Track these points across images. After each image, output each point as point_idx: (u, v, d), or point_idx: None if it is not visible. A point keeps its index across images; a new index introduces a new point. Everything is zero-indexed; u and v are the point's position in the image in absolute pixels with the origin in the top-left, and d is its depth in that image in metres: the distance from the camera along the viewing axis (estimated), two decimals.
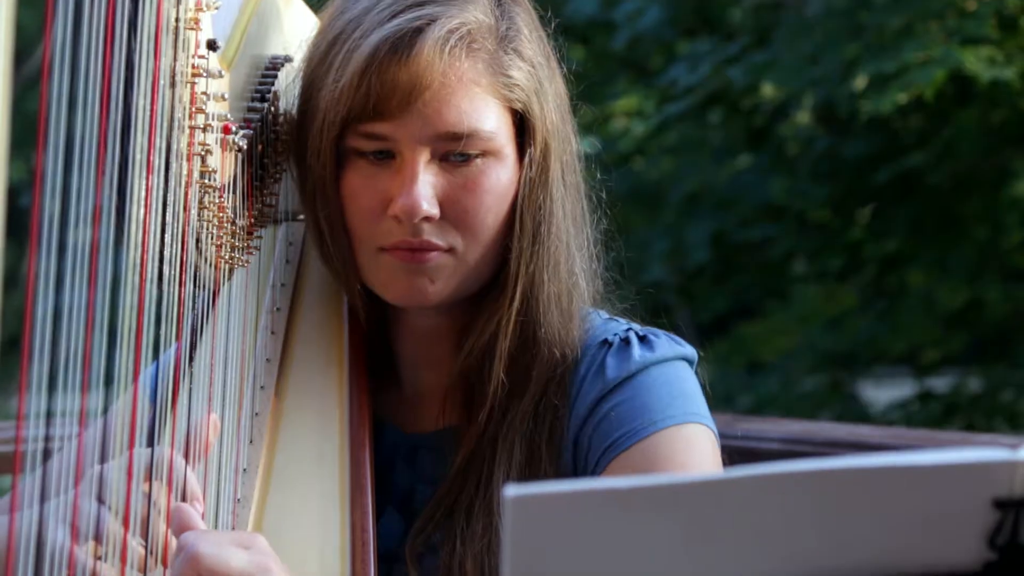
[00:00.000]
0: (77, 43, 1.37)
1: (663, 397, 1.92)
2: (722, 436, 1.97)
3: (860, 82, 6.81)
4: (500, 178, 1.92)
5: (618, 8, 7.92)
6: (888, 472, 1.14)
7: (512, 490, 1.12)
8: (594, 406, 1.93)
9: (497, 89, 1.91)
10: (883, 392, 8.27)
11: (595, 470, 1.90)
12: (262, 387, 1.98)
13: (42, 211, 1.30)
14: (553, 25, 2.04)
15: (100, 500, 1.68)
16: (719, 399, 1.98)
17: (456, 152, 1.90)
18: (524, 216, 1.94)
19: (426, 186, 1.89)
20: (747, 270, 7.87)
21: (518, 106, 1.93)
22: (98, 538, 1.67)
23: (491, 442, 1.95)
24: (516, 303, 1.95)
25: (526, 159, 1.94)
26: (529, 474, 1.93)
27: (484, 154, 1.91)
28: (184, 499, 1.73)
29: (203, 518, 1.77)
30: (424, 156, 1.89)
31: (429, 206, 1.89)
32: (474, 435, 1.96)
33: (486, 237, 1.92)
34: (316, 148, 1.92)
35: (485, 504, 1.92)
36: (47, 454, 1.49)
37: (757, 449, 3.20)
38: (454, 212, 1.91)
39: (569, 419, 1.94)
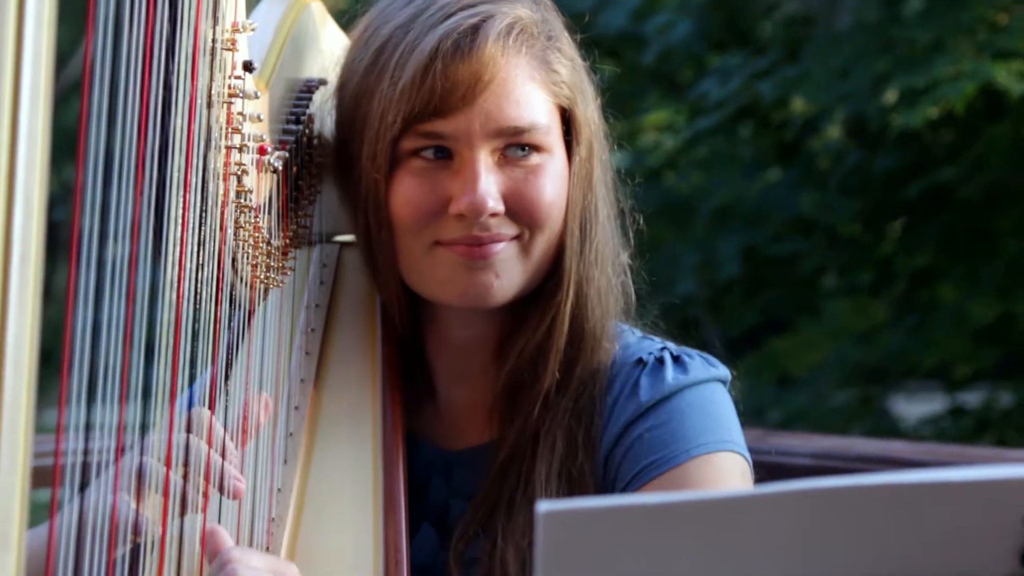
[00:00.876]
0: (116, 62, 1.39)
1: (696, 424, 1.92)
2: (752, 451, 1.97)
3: (891, 96, 6.80)
4: (556, 171, 1.94)
5: (648, 22, 7.92)
6: (920, 489, 1.14)
7: (544, 506, 1.13)
8: (626, 427, 1.93)
9: (548, 85, 1.93)
10: (914, 407, 8.24)
11: (626, 489, 1.91)
12: (296, 407, 1.99)
13: (80, 226, 1.32)
14: (579, 38, 2.06)
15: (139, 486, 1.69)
16: (749, 413, 1.98)
17: (516, 145, 1.91)
18: (574, 212, 1.96)
19: (490, 183, 1.90)
20: (777, 284, 7.84)
21: (565, 102, 1.95)
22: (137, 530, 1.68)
23: (533, 438, 1.95)
24: (571, 299, 1.96)
25: (575, 156, 1.96)
26: (569, 468, 1.94)
27: (540, 149, 1.93)
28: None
29: (239, 526, 1.78)
30: (485, 152, 1.90)
31: (495, 203, 1.90)
32: (516, 432, 1.96)
33: (549, 228, 1.94)
34: (372, 152, 1.92)
35: (527, 498, 1.92)
36: (86, 467, 1.50)
37: (788, 464, 3.20)
38: (518, 206, 1.92)
39: (602, 437, 1.95)
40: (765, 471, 2.00)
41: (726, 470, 1.91)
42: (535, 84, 1.92)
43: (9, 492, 1.18)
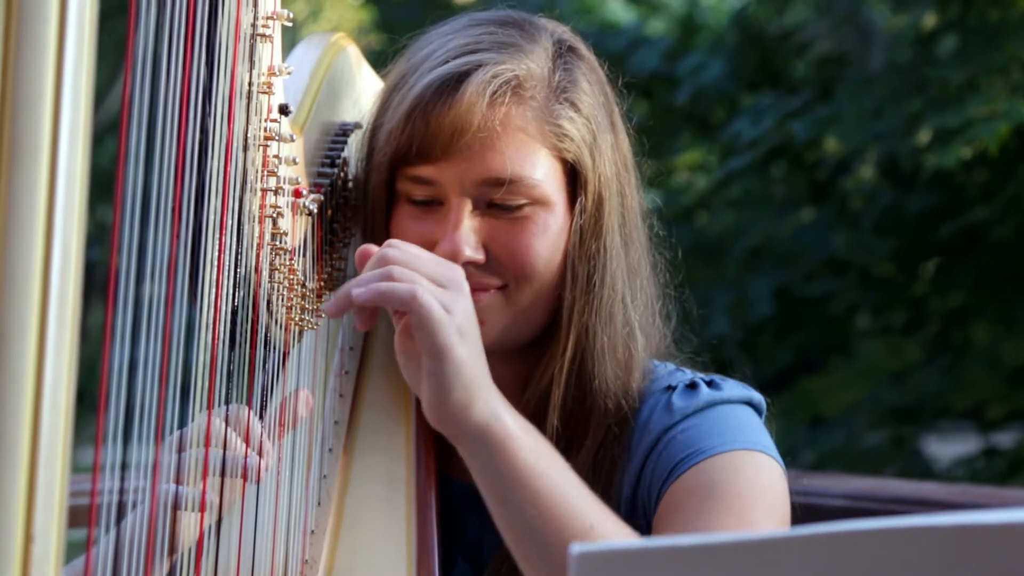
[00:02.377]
0: (154, 105, 1.40)
1: (731, 427, 1.92)
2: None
3: (924, 136, 6.80)
4: (548, 224, 1.93)
5: (681, 62, 7.95)
6: (956, 531, 1.14)
7: (577, 547, 1.13)
8: (660, 436, 1.93)
9: (546, 138, 1.92)
10: (947, 447, 8.21)
11: (661, 490, 1.90)
12: (330, 449, 1.99)
13: (117, 266, 1.33)
14: (620, 83, 2.05)
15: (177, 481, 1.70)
16: (781, 454, 1.98)
17: (500, 200, 1.91)
18: (576, 265, 1.94)
19: (468, 232, 1.90)
20: (810, 324, 7.83)
21: (569, 156, 1.94)
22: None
23: None
24: (569, 353, 1.95)
25: (577, 208, 1.94)
26: None
27: (532, 202, 1.92)
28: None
29: (273, 565, 1.78)
30: (468, 201, 1.91)
31: (472, 251, 1.90)
32: None
33: (537, 280, 1.93)
34: (370, 189, 1.96)
35: None
36: (121, 507, 1.51)
37: (821, 506, 3.19)
38: (501, 255, 1.92)
39: (630, 459, 1.94)
40: (798, 512, 1.99)
41: (762, 468, 1.90)
42: (526, 136, 1.91)
43: (46, 531, 1.19)
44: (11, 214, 1.17)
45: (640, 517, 1.93)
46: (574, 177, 1.95)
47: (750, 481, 1.88)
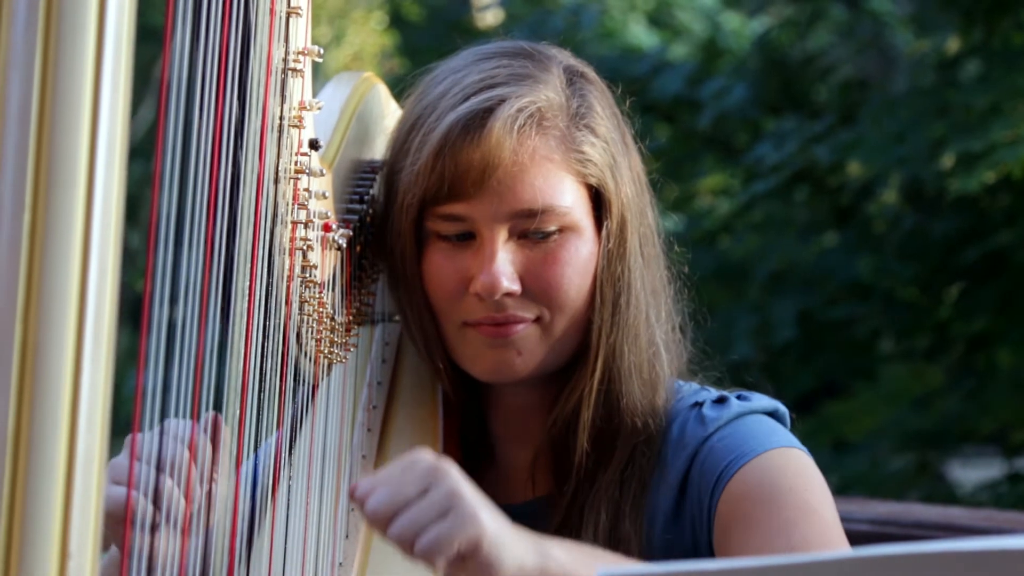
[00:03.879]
0: (187, 137, 1.42)
1: (764, 431, 1.96)
2: None
3: (947, 160, 6.79)
4: (580, 251, 1.95)
5: (704, 86, 7.95)
6: (981, 556, 1.14)
7: (602, 569, 1.14)
8: (698, 447, 1.95)
9: (571, 165, 1.94)
10: (971, 472, 8.18)
11: (712, 499, 1.91)
12: None
13: (152, 293, 1.35)
14: (628, 103, 2.07)
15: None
16: None
17: (533, 229, 1.93)
18: (604, 288, 1.96)
19: (505, 263, 1.92)
20: (833, 348, 7.81)
21: (593, 181, 1.96)
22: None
23: (579, 511, 1.97)
24: (598, 373, 1.97)
25: (604, 231, 1.97)
26: (614, 539, 1.95)
27: (562, 229, 1.94)
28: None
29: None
30: (502, 234, 1.92)
31: (509, 282, 1.92)
32: (563, 505, 1.98)
33: (570, 308, 1.95)
34: (397, 230, 1.97)
35: None
36: (154, 526, 1.52)
37: (845, 530, 3.18)
38: (536, 286, 1.94)
39: (664, 475, 1.96)
40: None
41: (804, 463, 1.94)
42: (553, 165, 1.93)
43: (82, 548, 1.21)
44: (49, 235, 1.19)
45: (687, 530, 1.94)
46: (598, 202, 1.97)
47: (798, 474, 1.92)
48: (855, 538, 3.16)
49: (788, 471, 1.91)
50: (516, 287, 1.93)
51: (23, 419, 1.18)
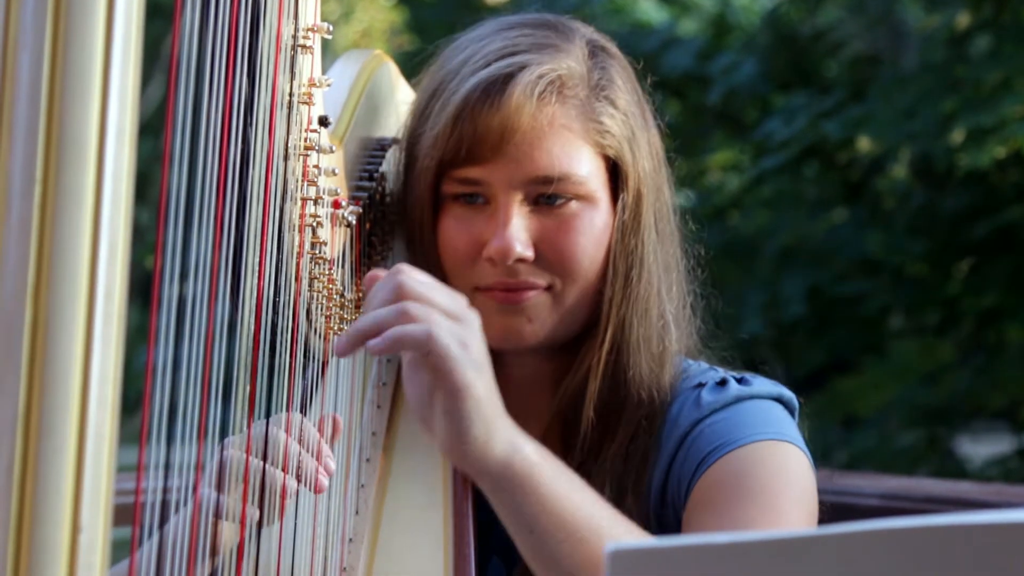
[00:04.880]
0: (197, 114, 1.42)
1: (758, 420, 1.93)
2: (820, 492, 1.97)
3: (957, 136, 6.79)
4: (594, 221, 1.95)
5: (713, 62, 7.94)
6: (991, 530, 1.14)
7: (612, 545, 1.14)
8: (689, 430, 1.94)
9: (589, 135, 1.94)
10: (980, 447, 8.18)
11: (691, 483, 1.91)
12: (367, 460, 2.01)
13: (162, 270, 1.35)
14: (650, 81, 2.07)
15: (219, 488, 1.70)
16: (814, 454, 1.98)
17: (548, 195, 1.93)
18: (617, 260, 1.96)
19: (519, 228, 1.92)
20: (843, 324, 7.81)
21: (610, 152, 1.96)
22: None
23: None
24: (607, 346, 1.97)
25: (619, 204, 1.96)
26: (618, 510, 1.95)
27: (577, 198, 1.94)
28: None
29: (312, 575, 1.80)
30: (517, 199, 1.92)
31: (522, 248, 1.92)
32: None
33: (582, 278, 1.95)
34: (415, 194, 1.97)
35: None
36: (165, 506, 1.53)
37: (855, 505, 3.19)
38: (549, 253, 1.94)
39: (660, 453, 1.96)
40: (832, 512, 2.00)
41: (789, 458, 1.91)
42: (571, 134, 1.93)
43: (93, 522, 1.21)
44: (59, 212, 1.19)
45: (669, 510, 1.94)
46: (615, 174, 1.97)
47: (777, 472, 1.89)
48: (865, 513, 3.17)
49: (766, 466, 1.89)
50: (529, 253, 1.93)
51: (34, 396, 1.19)
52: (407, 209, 2.00)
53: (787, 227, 7.71)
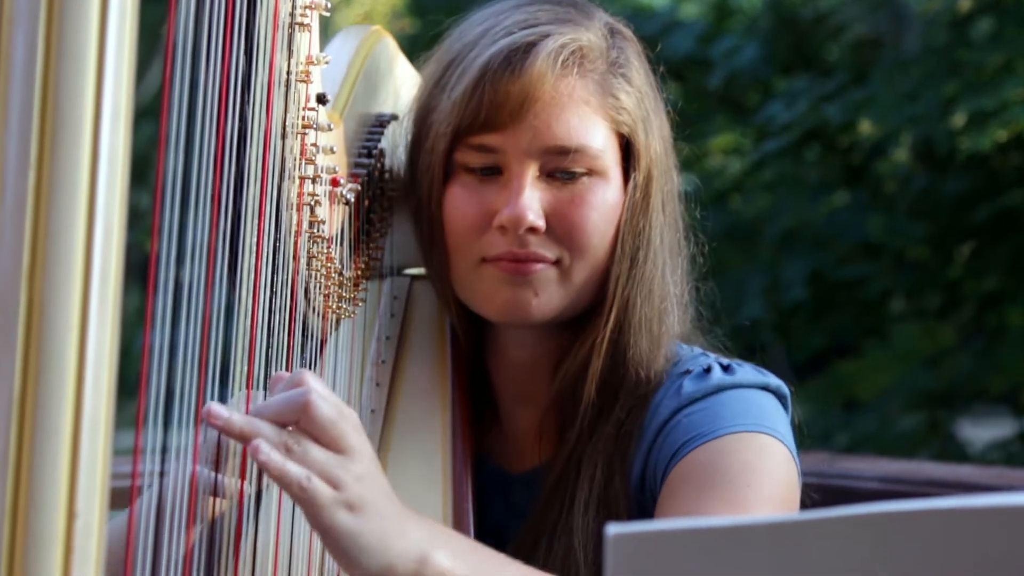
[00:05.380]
0: (193, 93, 1.42)
1: (736, 411, 1.92)
2: (820, 475, 1.97)
3: (959, 119, 6.78)
4: (606, 198, 1.95)
5: (715, 45, 7.93)
6: (992, 513, 1.13)
7: (613, 528, 1.14)
8: (667, 419, 1.94)
9: (606, 111, 1.94)
10: (982, 431, 8.18)
11: (665, 473, 1.91)
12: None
13: (157, 250, 1.34)
14: (661, 69, 2.07)
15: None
16: (815, 437, 1.98)
17: (563, 168, 1.92)
18: (625, 239, 1.96)
19: (532, 198, 1.92)
20: (844, 308, 7.81)
21: (624, 130, 1.96)
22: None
23: (576, 464, 1.97)
24: (611, 325, 1.97)
25: (630, 183, 1.96)
26: (606, 496, 1.95)
27: (591, 172, 1.94)
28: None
29: (311, 551, 1.79)
30: (532, 169, 1.92)
31: (535, 217, 1.91)
32: (563, 457, 1.98)
33: (592, 254, 1.95)
34: (427, 163, 1.96)
35: (567, 526, 1.94)
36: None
37: (856, 488, 3.19)
38: (560, 226, 1.93)
39: (641, 439, 1.96)
40: (832, 495, 1.99)
41: (766, 450, 1.89)
42: (589, 108, 1.93)
43: (89, 507, 1.20)
44: (54, 194, 1.18)
45: (648, 496, 1.94)
46: (627, 153, 1.97)
47: (746, 466, 1.87)
48: (865, 496, 3.17)
49: (736, 460, 1.87)
50: (541, 223, 1.92)
51: (29, 379, 1.18)
52: (415, 179, 1.99)
53: (788, 211, 7.70)
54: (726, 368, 1.98)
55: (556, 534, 1.94)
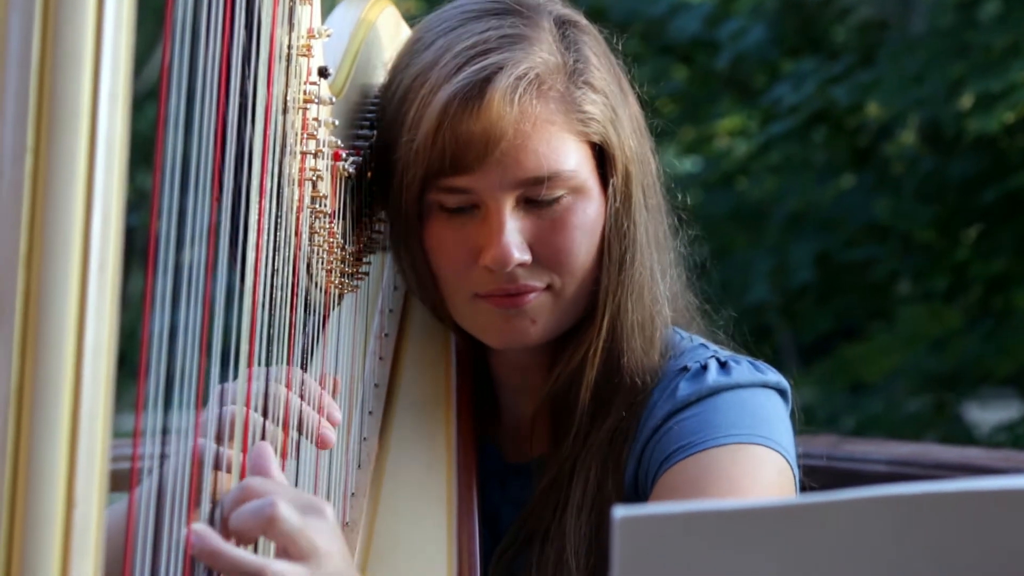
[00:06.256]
0: (193, 68, 1.40)
1: (731, 417, 1.90)
2: (827, 458, 1.96)
3: (966, 101, 6.76)
4: (587, 213, 1.92)
5: (722, 27, 7.91)
6: (1000, 496, 1.13)
7: (620, 511, 1.13)
8: (660, 424, 1.92)
9: (572, 126, 1.91)
10: (988, 413, 8.18)
11: (653, 483, 1.90)
12: (370, 412, 2.00)
13: (157, 231, 1.33)
14: (621, 44, 2.04)
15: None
16: (822, 420, 1.97)
17: (539, 196, 1.90)
18: (611, 245, 1.94)
19: (514, 233, 1.89)
20: (851, 290, 7.80)
21: (596, 139, 1.93)
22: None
23: (571, 467, 1.96)
24: (604, 331, 1.95)
25: (610, 189, 1.94)
26: (599, 499, 1.93)
27: (569, 192, 1.91)
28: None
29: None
30: (508, 203, 1.89)
31: (520, 253, 1.89)
32: (558, 461, 1.97)
33: (581, 272, 1.93)
34: (398, 204, 1.93)
35: (559, 530, 1.93)
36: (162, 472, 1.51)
37: (863, 471, 3.17)
38: (546, 253, 1.91)
39: (637, 439, 1.95)
40: (840, 478, 1.98)
41: (757, 463, 1.88)
42: (555, 127, 1.90)
43: (87, 497, 1.20)
44: (51, 178, 1.17)
45: (641, 499, 1.93)
46: (602, 159, 1.95)
47: (732, 484, 1.85)
48: (873, 478, 3.16)
49: (725, 476, 1.85)
50: (527, 257, 1.90)
51: (27, 367, 1.17)
52: (391, 219, 1.97)
53: (795, 193, 7.68)
54: (723, 365, 1.96)
55: (548, 538, 1.93)
